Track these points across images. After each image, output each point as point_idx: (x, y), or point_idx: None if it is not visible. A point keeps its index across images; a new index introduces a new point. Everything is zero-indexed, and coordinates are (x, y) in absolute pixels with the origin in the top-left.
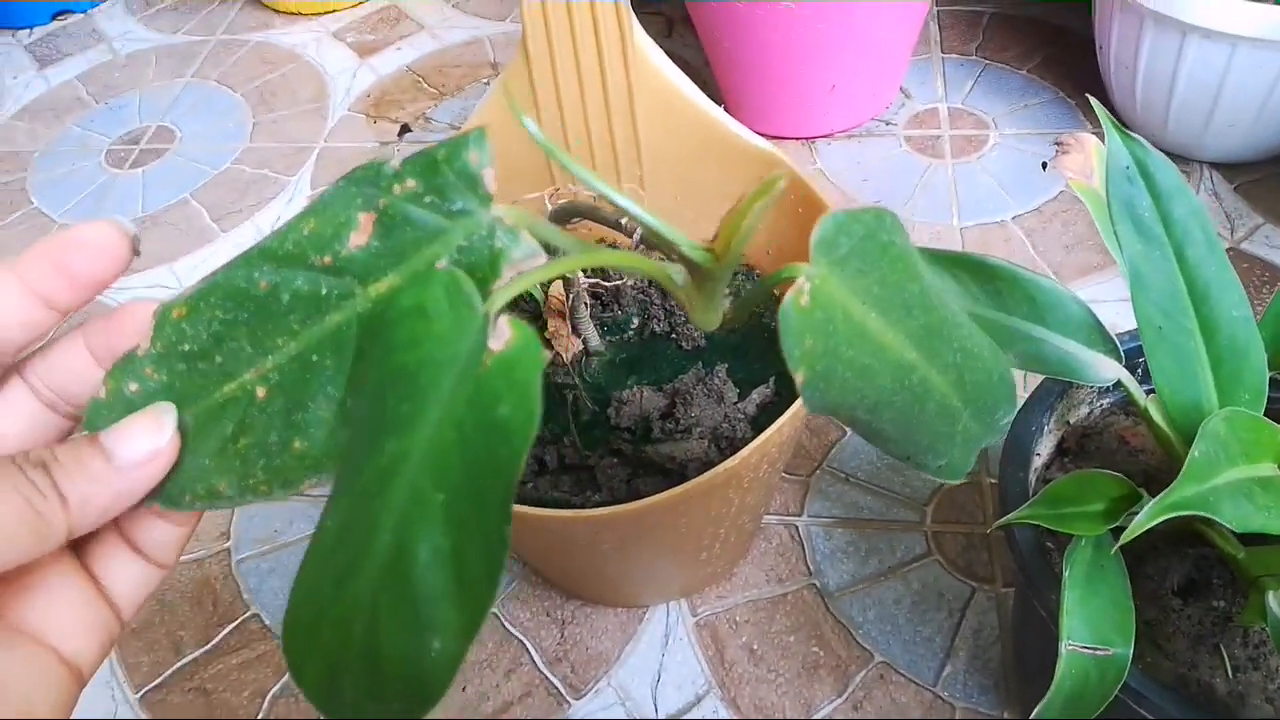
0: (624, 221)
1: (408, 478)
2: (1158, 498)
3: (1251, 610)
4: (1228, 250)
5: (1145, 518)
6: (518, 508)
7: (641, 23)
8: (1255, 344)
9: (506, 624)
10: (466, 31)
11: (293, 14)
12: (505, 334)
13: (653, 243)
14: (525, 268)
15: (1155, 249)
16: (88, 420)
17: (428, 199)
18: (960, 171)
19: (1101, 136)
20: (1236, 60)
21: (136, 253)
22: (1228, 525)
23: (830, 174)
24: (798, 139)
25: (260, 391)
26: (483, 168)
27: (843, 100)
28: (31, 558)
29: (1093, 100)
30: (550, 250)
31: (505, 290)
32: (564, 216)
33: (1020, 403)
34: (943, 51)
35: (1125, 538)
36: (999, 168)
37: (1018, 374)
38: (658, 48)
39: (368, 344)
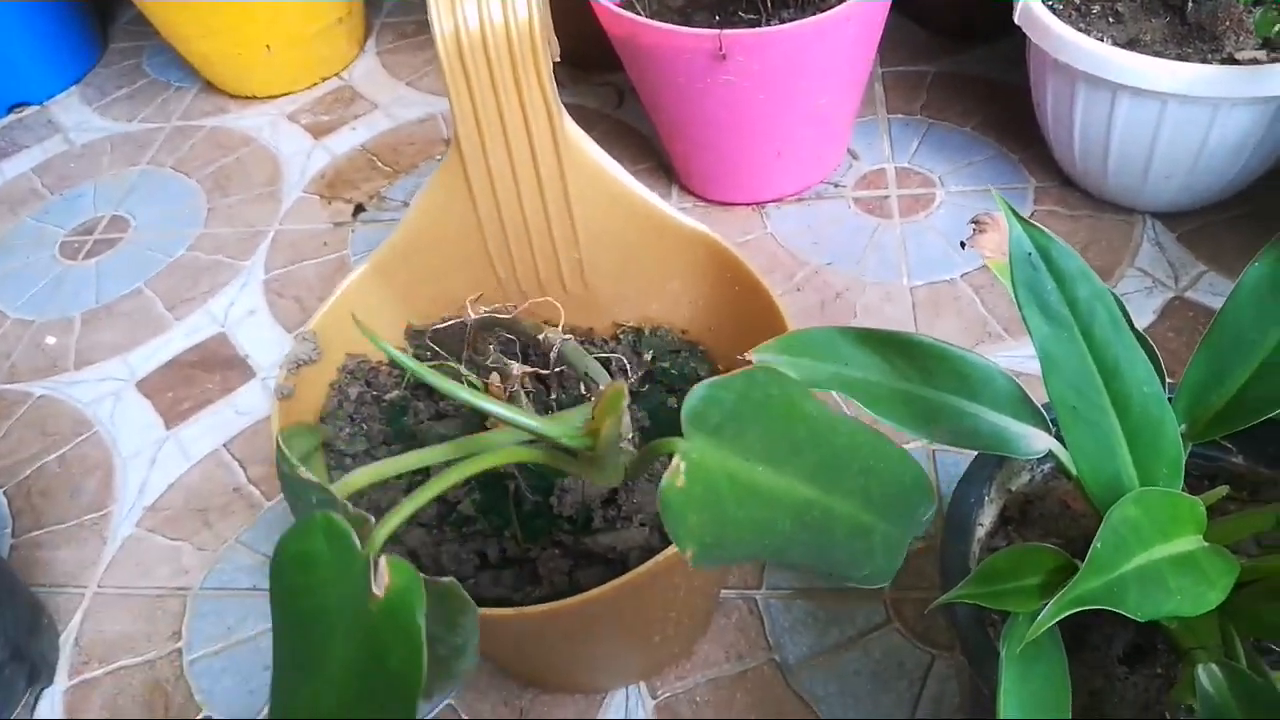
0: (541, 337)
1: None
2: (1060, 593)
3: (1184, 685)
4: (1173, 299)
5: (1048, 615)
6: None
7: (592, 93)
8: (1168, 418)
9: (464, 716)
10: (420, 108)
11: (247, 98)
12: (385, 578)
13: (569, 360)
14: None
15: (1063, 330)
16: None
17: None
18: (909, 230)
19: (1047, 192)
20: (1167, 116)
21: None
22: (1134, 617)
23: (781, 238)
24: (748, 204)
25: None
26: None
27: (790, 165)
28: None
29: (994, 191)
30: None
31: (380, 531)
32: (486, 327)
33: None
34: (888, 112)
35: (1030, 635)
36: (947, 225)
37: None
38: (588, 137)
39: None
